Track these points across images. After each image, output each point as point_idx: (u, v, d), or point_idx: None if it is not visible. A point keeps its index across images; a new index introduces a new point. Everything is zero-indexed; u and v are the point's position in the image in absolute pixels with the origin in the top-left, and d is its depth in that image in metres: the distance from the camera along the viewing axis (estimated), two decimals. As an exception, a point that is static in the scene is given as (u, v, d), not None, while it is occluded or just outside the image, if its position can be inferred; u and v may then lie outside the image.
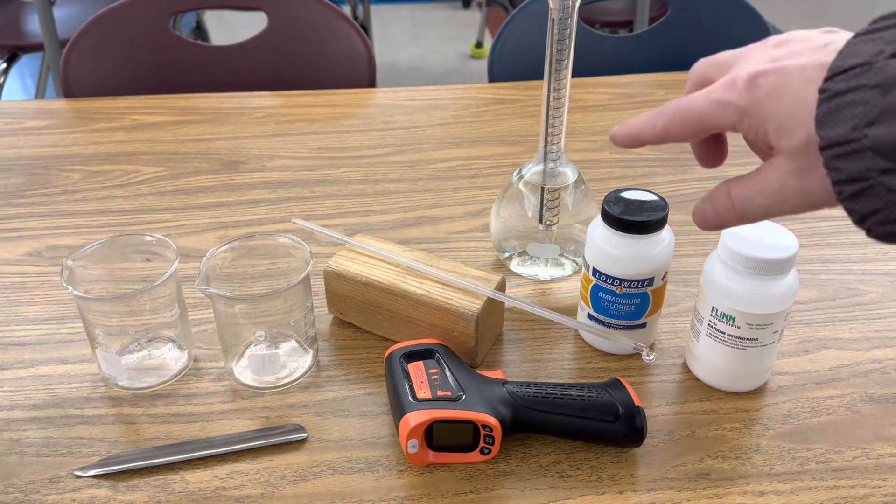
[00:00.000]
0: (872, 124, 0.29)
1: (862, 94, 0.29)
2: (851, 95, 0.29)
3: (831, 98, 0.30)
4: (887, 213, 0.29)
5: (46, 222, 0.78)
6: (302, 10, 1.11)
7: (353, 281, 0.60)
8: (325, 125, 0.97)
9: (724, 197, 0.37)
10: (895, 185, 0.29)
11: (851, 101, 0.29)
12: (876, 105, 0.29)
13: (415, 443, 0.48)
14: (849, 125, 0.29)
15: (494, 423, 0.48)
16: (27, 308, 0.66)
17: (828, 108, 0.30)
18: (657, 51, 1.16)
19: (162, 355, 0.59)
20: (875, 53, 0.30)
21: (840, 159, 0.30)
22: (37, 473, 0.51)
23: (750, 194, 0.35)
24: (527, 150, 0.91)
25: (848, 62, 0.30)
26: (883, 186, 0.29)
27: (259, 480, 0.51)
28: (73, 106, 1.02)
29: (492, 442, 0.49)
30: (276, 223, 0.78)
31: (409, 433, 0.48)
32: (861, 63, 0.30)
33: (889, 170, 0.29)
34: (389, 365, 0.54)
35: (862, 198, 0.30)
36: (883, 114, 0.28)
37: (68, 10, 1.99)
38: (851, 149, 0.29)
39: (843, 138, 0.30)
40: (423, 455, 0.49)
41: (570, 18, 0.57)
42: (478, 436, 0.49)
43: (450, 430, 0.48)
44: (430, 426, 0.48)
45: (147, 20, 1.09)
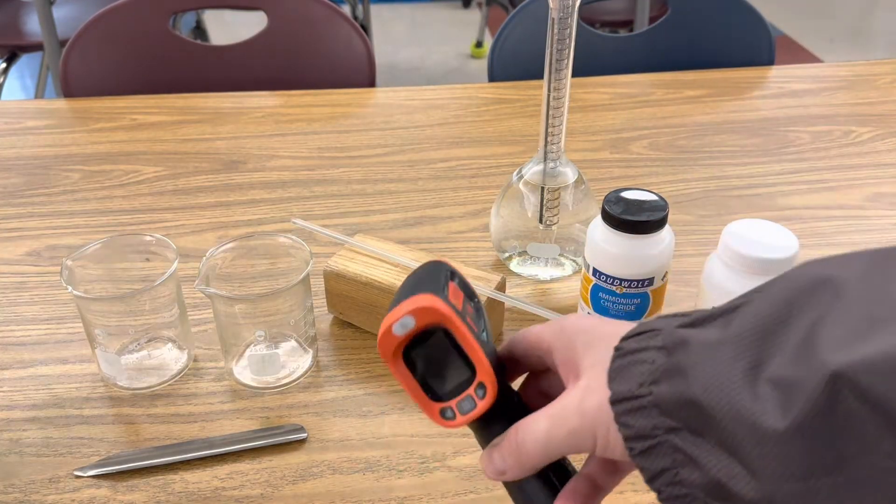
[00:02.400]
0: (657, 382, 0.30)
1: (650, 354, 0.31)
2: (641, 355, 0.31)
3: (623, 356, 0.32)
4: (674, 474, 0.29)
5: (46, 222, 0.78)
6: (302, 10, 1.11)
7: (352, 281, 0.60)
8: (325, 125, 0.97)
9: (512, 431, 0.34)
10: (680, 444, 0.29)
11: (640, 359, 0.31)
12: (661, 364, 0.30)
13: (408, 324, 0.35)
14: (636, 381, 0.30)
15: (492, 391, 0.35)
16: (27, 308, 0.66)
17: (619, 364, 0.31)
18: (657, 50, 1.16)
19: (161, 355, 0.59)
20: (667, 323, 0.32)
21: (629, 415, 0.30)
22: (36, 473, 0.51)
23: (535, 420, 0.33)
24: (527, 149, 0.91)
25: (642, 328, 0.32)
26: (669, 445, 0.29)
27: (259, 480, 0.51)
28: (72, 106, 1.02)
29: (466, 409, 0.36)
30: (275, 223, 0.78)
31: (415, 311, 0.35)
32: (652, 329, 0.32)
33: (674, 428, 0.29)
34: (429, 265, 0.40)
35: (651, 455, 0.30)
36: (666, 372, 0.29)
37: (68, 10, 1.99)
38: (639, 405, 0.30)
39: (631, 394, 0.30)
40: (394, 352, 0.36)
41: (571, 18, 0.57)
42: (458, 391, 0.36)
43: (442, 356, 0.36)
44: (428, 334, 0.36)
45: (147, 20, 1.09)
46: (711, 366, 0.28)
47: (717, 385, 0.27)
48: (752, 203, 0.81)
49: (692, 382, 0.28)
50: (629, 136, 0.94)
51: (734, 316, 0.29)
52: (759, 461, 0.26)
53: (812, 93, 1.04)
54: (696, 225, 0.77)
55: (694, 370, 0.28)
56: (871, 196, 0.82)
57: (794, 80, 1.08)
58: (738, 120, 0.97)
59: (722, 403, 0.27)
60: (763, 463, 0.26)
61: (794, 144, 0.92)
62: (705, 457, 0.28)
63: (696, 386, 0.28)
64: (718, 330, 0.29)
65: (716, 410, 0.27)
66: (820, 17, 3.48)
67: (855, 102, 1.02)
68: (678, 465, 0.29)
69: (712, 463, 0.28)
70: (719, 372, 0.28)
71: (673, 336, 0.30)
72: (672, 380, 0.29)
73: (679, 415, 0.29)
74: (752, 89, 1.06)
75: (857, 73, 1.10)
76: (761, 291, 0.30)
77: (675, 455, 0.29)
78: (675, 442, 0.29)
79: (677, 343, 0.30)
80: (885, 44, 3.23)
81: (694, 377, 0.28)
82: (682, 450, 0.29)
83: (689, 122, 0.97)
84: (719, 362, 0.28)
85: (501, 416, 0.36)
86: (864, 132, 0.94)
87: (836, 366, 0.24)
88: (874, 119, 0.97)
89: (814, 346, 0.26)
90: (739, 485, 0.27)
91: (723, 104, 1.01)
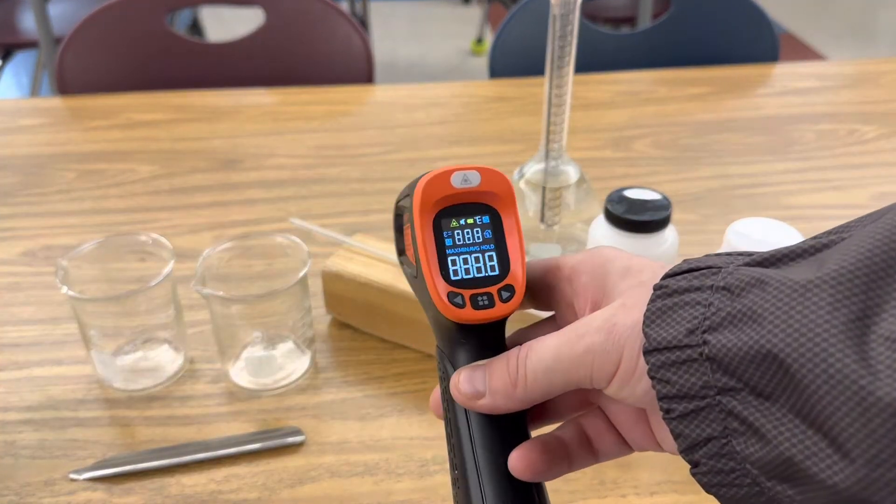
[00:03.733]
0: (715, 329, 0.23)
1: (705, 295, 0.24)
2: (692, 295, 0.24)
3: (668, 295, 0.25)
4: (723, 444, 0.23)
5: (41, 222, 0.77)
6: (299, 7, 1.10)
7: (351, 281, 0.59)
8: (323, 123, 0.96)
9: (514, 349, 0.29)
10: (739, 409, 0.23)
11: (692, 300, 0.24)
12: (722, 308, 0.23)
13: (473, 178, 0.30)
14: (684, 327, 0.24)
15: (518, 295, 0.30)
16: (21, 308, 0.65)
17: (662, 305, 0.25)
18: (660, 48, 1.16)
19: (157, 357, 0.59)
20: (726, 262, 0.25)
21: (670, 368, 0.24)
22: (31, 476, 0.50)
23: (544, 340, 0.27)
24: (528, 148, 0.90)
25: (693, 265, 0.26)
26: (722, 409, 0.23)
27: (256, 484, 0.50)
28: (68, 104, 1.01)
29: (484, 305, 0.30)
30: (273, 223, 0.77)
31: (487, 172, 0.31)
32: (709, 266, 0.25)
33: (732, 389, 0.23)
34: None
35: (694, 420, 0.24)
36: (730, 318, 0.23)
37: (63, 8, 1.98)
38: (686, 356, 0.24)
39: (676, 341, 0.24)
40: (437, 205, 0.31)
41: (573, 14, 0.56)
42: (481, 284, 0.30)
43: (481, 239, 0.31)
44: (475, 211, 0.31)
45: (143, 17, 1.08)
46: (801, 312, 0.21)
47: (808, 337, 0.21)
48: (756, 202, 0.80)
49: (770, 332, 0.22)
50: (632, 134, 0.93)
51: (828, 253, 0.23)
52: (857, 438, 0.20)
53: (816, 91, 1.03)
54: (700, 224, 0.76)
55: (774, 316, 0.22)
56: (876, 195, 0.81)
57: (798, 77, 1.07)
58: (741, 118, 0.96)
59: (815, 361, 0.21)
60: (864, 441, 0.20)
61: (798, 143, 0.91)
62: (774, 426, 0.22)
63: (776, 336, 0.22)
64: (808, 269, 0.22)
65: (805, 370, 0.21)
66: (824, 14, 3.48)
67: (860, 101, 1.01)
68: (730, 434, 0.23)
69: (784, 435, 0.22)
70: (811, 321, 0.21)
71: (739, 274, 0.24)
72: (738, 327, 0.23)
73: (743, 372, 0.22)
74: (755, 87, 1.05)
75: (861, 70, 1.10)
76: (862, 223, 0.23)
77: (729, 421, 0.23)
78: (732, 406, 0.23)
79: (748, 283, 0.23)
80: (889, 41, 3.22)
81: (773, 325, 0.22)
82: (741, 416, 0.23)
83: (693, 121, 0.96)
84: (812, 308, 0.21)
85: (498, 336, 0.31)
86: (869, 130, 0.93)
87: None
88: (879, 117, 0.96)
89: None
90: (820, 465, 0.21)
91: (726, 102, 1.00)
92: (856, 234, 0.23)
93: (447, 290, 0.30)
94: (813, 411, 0.21)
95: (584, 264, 0.29)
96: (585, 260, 0.30)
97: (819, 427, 0.21)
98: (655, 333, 0.24)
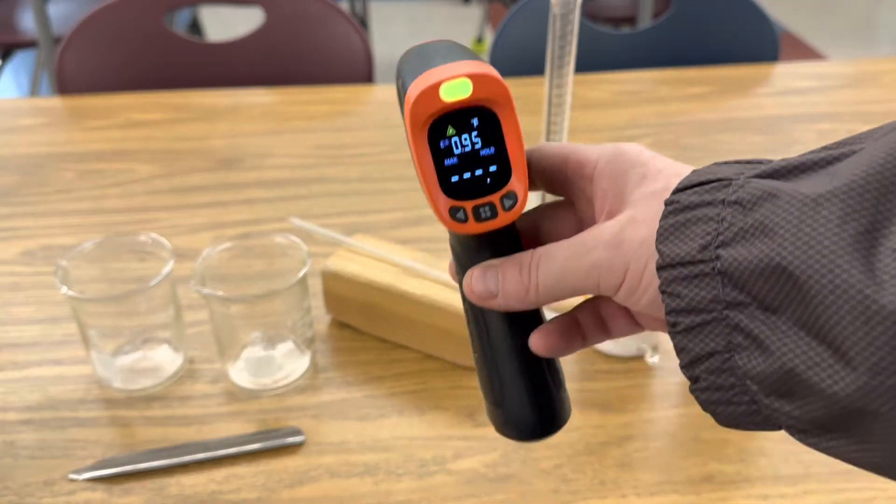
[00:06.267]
0: (727, 244, 0.24)
1: (717, 210, 0.24)
2: (705, 210, 0.24)
3: (680, 211, 0.25)
4: (724, 359, 0.24)
5: (40, 221, 0.77)
6: (299, 6, 1.10)
7: (351, 281, 0.59)
8: (323, 122, 0.96)
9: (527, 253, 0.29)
10: (745, 323, 0.23)
11: (704, 215, 0.24)
12: (734, 223, 0.24)
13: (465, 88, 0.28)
14: (698, 242, 0.24)
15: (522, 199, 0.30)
16: (21, 308, 0.65)
17: (674, 221, 0.25)
18: (660, 47, 1.16)
19: (157, 357, 0.58)
20: (736, 173, 0.25)
21: (682, 283, 0.24)
22: (31, 476, 0.50)
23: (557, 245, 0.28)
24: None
25: (703, 177, 0.26)
26: (728, 323, 0.24)
27: (256, 484, 0.50)
28: (67, 103, 1.01)
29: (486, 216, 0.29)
30: (272, 222, 0.77)
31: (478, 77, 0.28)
32: (720, 178, 0.25)
33: (740, 303, 0.23)
34: None
35: (700, 335, 0.24)
36: (742, 232, 0.23)
37: (63, 7, 1.98)
38: (698, 271, 0.24)
39: (690, 257, 0.24)
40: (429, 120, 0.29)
41: (573, 14, 0.56)
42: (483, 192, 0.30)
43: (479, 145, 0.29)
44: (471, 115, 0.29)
45: (142, 17, 1.08)
46: (811, 226, 0.22)
47: (817, 250, 0.21)
48: (755, 201, 0.80)
49: (781, 245, 0.22)
50: (632, 133, 0.93)
51: (839, 166, 0.23)
52: (860, 346, 0.20)
53: (817, 90, 1.03)
54: (699, 224, 0.76)
55: (784, 230, 0.22)
56: (875, 194, 0.81)
57: (798, 77, 1.07)
58: (742, 117, 0.96)
59: (823, 272, 0.21)
60: (867, 349, 0.20)
61: (799, 142, 0.91)
62: (779, 339, 0.22)
63: (786, 249, 0.22)
64: (819, 181, 0.23)
65: (812, 281, 0.21)
66: (825, 14, 3.48)
67: (860, 100, 1.01)
68: (733, 349, 0.23)
69: (787, 347, 0.22)
70: (822, 234, 0.21)
71: (750, 188, 0.24)
72: (750, 241, 0.23)
73: (753, 286, 0.23)
74: (756, 87, 1.05)
75: (861, 70, 1.10)
76: (873, 136, 0.23)
77: (733, 336, 0.23)
78: (739, 320, 0.23)
79: (759, 196, 0.23)
80: (890, 41, 3.22)
81: (784, 239, 0.22)
82: (746, 329, 0.23)
83: (693, 120, 0.96)
84: (821, 222, 0.21)
85: (507, 241, 0.31)
86: (869, 130, 0.93)
87: None
88: (879, 117, 0.96)
89: None
90: (821, 374, 0.21)
91: (727, 102, 1.00)
92: (868, 146, 0.22)
93: (448, 206, 0.30)
94: (818, 322, 0.21)
95: (608, 168, 0.29)
96: (610, 162, 0.29)
97: (823, 338, 0.21)
98: (669, 250, 0.25)
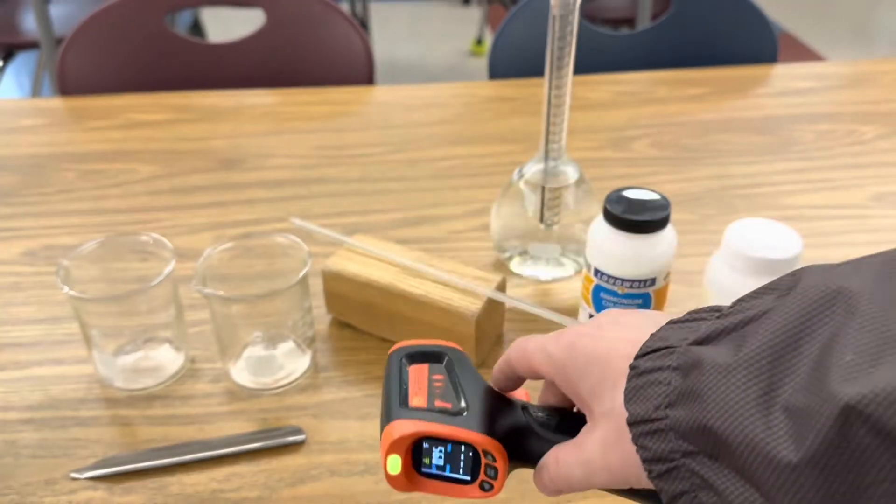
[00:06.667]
0: (673, 405, 0.29)
1: (665, 375, 0.30)
2: (656, 375, 0.30)
3: (638, 375, 0.31)
4: (693, 497, 0.29)
5: (42, 222, 0.77)
6: (300, 7, 1.10)
7: (351, 281, 0.59)
8: (324, 123, 0.96)
9: (553, 463, 0.36)
10: (697, 468, 0.28)
11: (656, 380, 0.30)
12: (676, 386, 0.29)
13: (395, 460, 0.36)
14: (652, 404, 0.30)
15: (499, 450, 0.37)
16: (22, 308, 0.65)
17: (635, 384, 0.31)
18: (659, 48, 1.16)
19: (158, 356, 0.59)
20: (680, 339, 0.31)
21: (646, 437, 0.30)
22: (32, 475, 0.51)
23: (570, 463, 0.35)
24: (527, 148, 0.90)
25: (656, 344, 0.32)
26: (687, 469, 0.29)
27: (256, 483, 0.50)
28: (68, 104, 1.01)
29: (494, 475, 0.37)
30: (273, 223, 0.77)
31: (390, 447, 0.36)
32: (666, 346, 0.31)
33: (691, 452, 0.29)
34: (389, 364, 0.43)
35: (670, 478, 0.29)
36: (681, 395, 0.29)
37: (64, 8, 1.98)
38: (656, 427, 0.30)
39: (648, 416, 0.30)
40: (406, 478, 0.37)
41: (572, 15, 0.56)
42: (478, 465, 0.37)
43: (443, 452, 0.37)
44: (419, 443, 0.37)
45: (143, 17, 1.08)
46: (725, 391, 0.27)
47: (732, 412, 0.27)
48: (755, 202, 0.80)
49: (707, 408, 0.28)
50: (631, 134, 0.93)
51: (747, 333, 0.29)
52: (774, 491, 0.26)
53: (816, 91, 1.04)
54: (699, 224, 0.76)
55: (708, 395, 0.28)
56: (875, 195, 0.81)
57: (797, 78, 1.08)
58: (741, 118, 0.97)
59: (736, 432, 0.27)
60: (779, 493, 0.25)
61: (797, 143, 0.91)
62: (723, 482, 0.28)
63: (711, 412, 0.28)
64: (731, 351, 0.28)
65: (731, 438, 0.27)
66: (823, 15, 3.48)
67: (859, 101, 1.01)
68: (696, 489, 0.29)
69: (730, 489, 0.27)
70: (732, 398, 0.27)
71: (687, 356, 0.30)
72: (687, 404, 0.29)
73: (696, 439, 0.28)
74: (755, 87, 1.05)
75: (861, 71, 1.10)
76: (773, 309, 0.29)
77: (693, 479, 0.29)
78: (693, 466, 0.29)
79: (691, 364, 0.29)
80: (888, 42, 3.23)
81: (707, 403, 0.28)
82: (700, 474, 0.28)
83: (692, 121, 0.96)
84: (732, 387, 0.27)
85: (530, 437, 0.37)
86: (868, 131, 0.94)
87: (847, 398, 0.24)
88: (878, 117, 0.97)
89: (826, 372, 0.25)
90: None
91: (726, 102, 1.01)
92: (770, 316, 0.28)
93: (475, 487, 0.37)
94: (746, 471, 0.27)
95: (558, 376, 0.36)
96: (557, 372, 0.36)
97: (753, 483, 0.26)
98: (633, 409, 0.31)
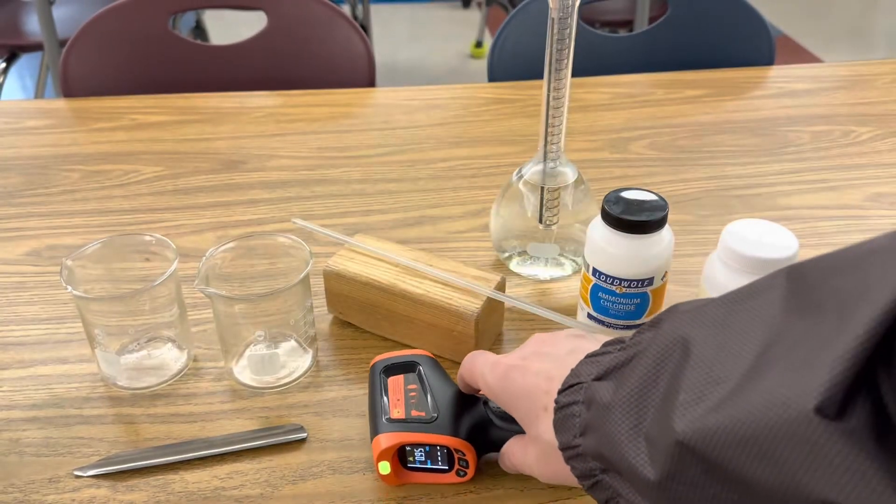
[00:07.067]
0: (584, 434, 0.36)
1: (577, 409, 0.37)
2: (571, 409, 0.37)
3: (560, 409, 0.38)
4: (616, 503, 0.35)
5: (45, 222, 0.78)
6: (302, 10, 1.11)
7: (352, 281, 0.60)
8: (325, 125, 0.97)
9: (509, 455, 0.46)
10: (611, 482, 0.35)
11: (571, 413, 0.37)
12: (584, 419, 0.36)
13: (385, 465, 0.47)
14: (570, 434, 0.37)
15: (467, 448, 0.47)
16: (26, 308, 0.66)
17: (560, 416, 0.38)
18: (657, 50, 1.16)
19: (161, 355, 0.59)
20: (588, 375, 0.37)
21: (572, 459, 0.37)
22: (36, 473, 0.51)
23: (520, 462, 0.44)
24: (527, 149, 0.91)
25: (572, 380, 0.38)
26: (605, 482, 0.35)
27: (258, 480, 0.51)
28: (72, 106, 1.02)
29: (466, 465, 0.48)
30: (275, 223, 0.78)
31: (379, 456, 0.47)
32: (577, 382, 0.38)
33: (603, 470, 0.35)
34: (371, 378, 0.52)
35: (596, 490, 0.36)
36: (587, 427, 0.36)
37: (67, 10, 1.99)
38: (576, 452, 0.37)
39: (569, 444, 0.37)
40: (396, 475, 0.49)
41: (570, 18, 0.57)
42: (452, 457, 0.48)
43: (423, 451, 0.48)
44: (403, 447, 0.48)
45: (146, 20, 1.09)
46: (608, 425, 0.34)
47: (614, 442, 0.33)
48: (751, 203, 0.81)
49: (598, 439, 0.35)
50: (629, 135, 0.94)
51: (625, 373, 0.35)
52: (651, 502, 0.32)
53: (812, 93, 1.04)
54: (696, 225, 0.77)
55: (599, 428, 0.35)
56: (871, 196, 0.82)
57: (794, 80, 1.08)
58: (738, 120, 0.97)
59: (617, 457, 0.33)
60: None
61: (794, 144, 0.92)
62: (628, 493, 0.34)
63: (602, 441, 0.34)
64: (612, 390, 0.35)
65: (616, 462, 0.33)
66: (820, 17, 3.48)
67: (855, 102, 1.02)
68: (615, 497, 0.35)
69: (633, 499, 0.34)
70: (613, 431, 0.34)
71: (588, 391, 0.36)
72: (589, 434, 0.36)
73: (601, 461, 0.35)
74: (752, 89, 1.06)
75: (857, 73, 1.10)
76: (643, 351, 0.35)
77: (611, 490, 0.35)
78: (608, 481, 0.35)
79: (589, 399, 0.36)
80: (884, 44, 3.23)
81: (599, 434, 0.35)
82: (614, 487, 0.35)
83: (689, 122, 0.97)
84: (613, 422, 0.34)
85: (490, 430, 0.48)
86: (864, 132, 0.94)
87: (679, 434, 0.29)
88: (874, 119, 0.97)
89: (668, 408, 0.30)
90: None
91: (723, 104, 1.01)
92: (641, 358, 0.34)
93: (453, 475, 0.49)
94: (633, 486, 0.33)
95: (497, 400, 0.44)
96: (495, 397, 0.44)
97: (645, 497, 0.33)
98: (560, 438, 0.38)
